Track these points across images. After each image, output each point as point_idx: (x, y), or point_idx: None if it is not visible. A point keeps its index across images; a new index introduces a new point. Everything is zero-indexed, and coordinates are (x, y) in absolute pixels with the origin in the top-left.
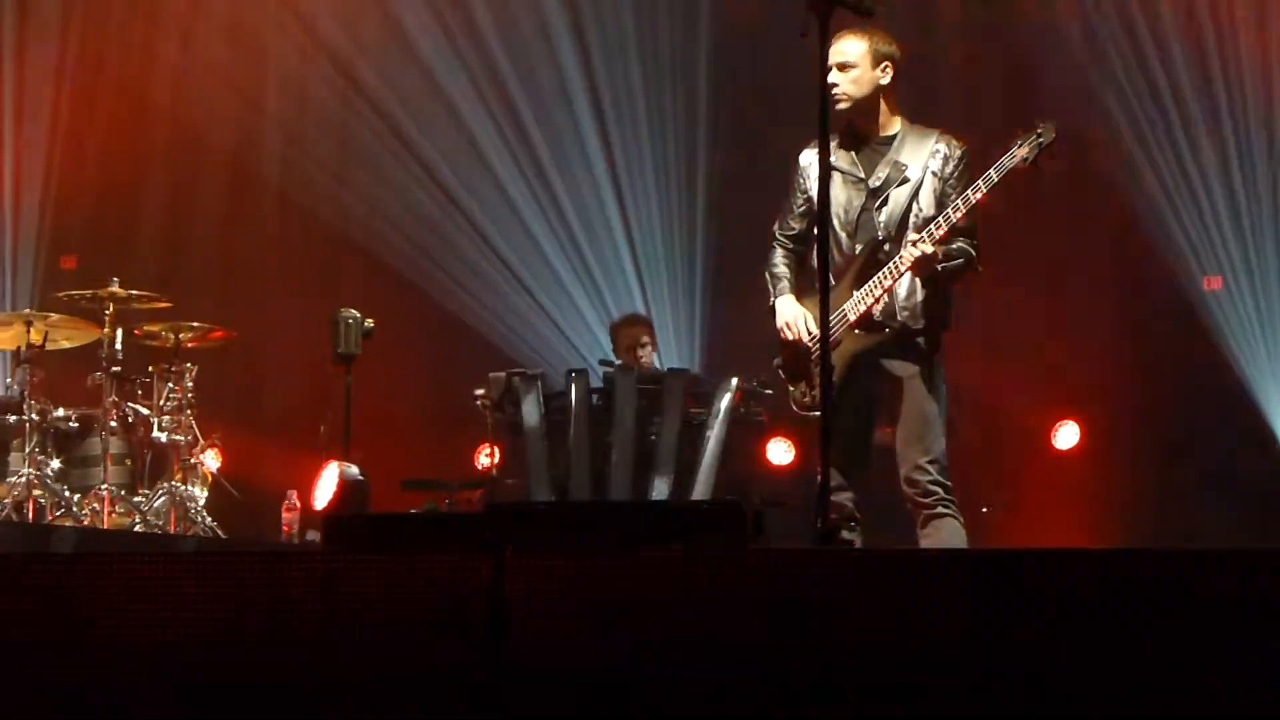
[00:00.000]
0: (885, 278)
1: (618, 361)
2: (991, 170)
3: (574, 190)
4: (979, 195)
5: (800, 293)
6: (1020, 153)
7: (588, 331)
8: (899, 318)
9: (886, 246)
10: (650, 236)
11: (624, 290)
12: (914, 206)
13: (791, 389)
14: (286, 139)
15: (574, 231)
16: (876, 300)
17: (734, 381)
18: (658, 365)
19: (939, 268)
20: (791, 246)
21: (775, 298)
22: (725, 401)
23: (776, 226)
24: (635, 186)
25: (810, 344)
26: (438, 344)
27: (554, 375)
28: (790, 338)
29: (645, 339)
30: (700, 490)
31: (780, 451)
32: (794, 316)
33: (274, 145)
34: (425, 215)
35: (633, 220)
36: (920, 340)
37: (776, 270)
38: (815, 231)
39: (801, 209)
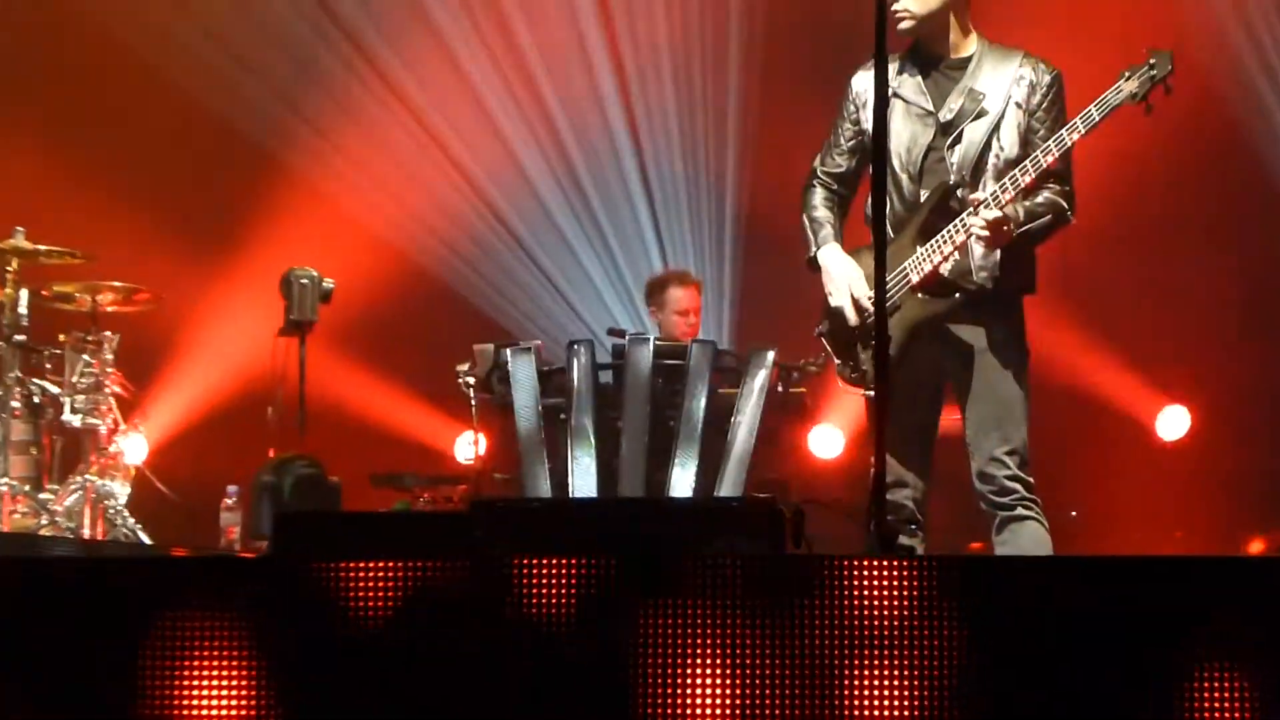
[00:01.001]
0: (956, 232)
1: (631, 331)
2: (1092, 107)
3: (581, 130)
4: (1075, 136)
5: (846, 245)
6: (1128, 88)
7: (594, 297)
8: (975, 278)
9: (959, 193)
10: (671, 184)
11: (639, 248)
12: (993, 145)
13: (839, 363)
14: (232, 56)
15: (580, 179)
16: (945, 258)
17: (770, 355)
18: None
19: (1016, 233)
20: (835, 188)
21: (816, 248)
22: (759, 379)
23: (817, 161)
24: (653, 126)
25: (861, 310)
26: (413, 310)
27: (553, 348)
28: (837, 302)
29: (698, 303)
30: (728, 486)
31: (826, 440)
32: (842, 274)
33: (217, 62)
34: (398, 155)
35: (650, 166)
36: (998, 306)
37: (816, 215)
38: (868, 172)
39: (850, 143)
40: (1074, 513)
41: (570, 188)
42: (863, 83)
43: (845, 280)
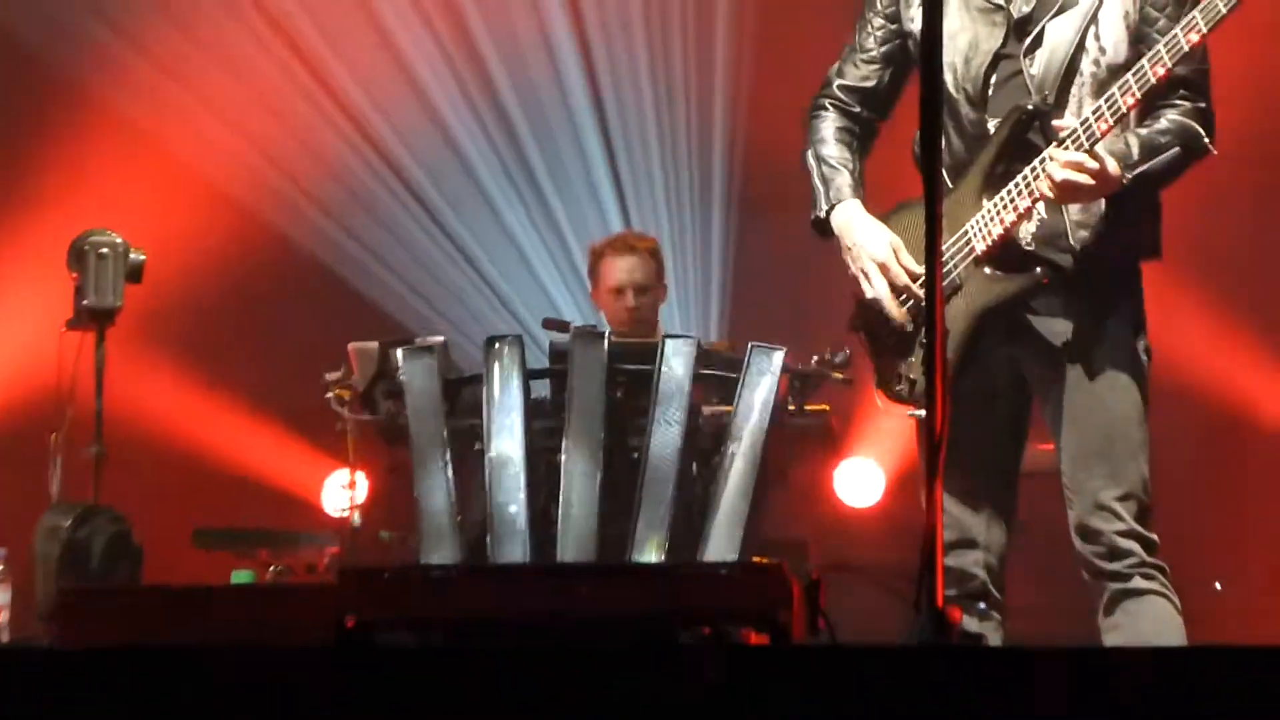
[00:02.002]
0: (1039, 178)
1: (577, 323)
2: None
3: (514, 59)
4: (1194, 36)
5: (881, 205)
6: None
7: (528, 279)
8: (1071, 240)
9: (1043, 121)
10: (638, 129)
11: (594, 211)
12: (1088, 47)
13: (878, 370)
14: None
15: (512, 123)
16: (1024, 214)
17: (777, 357)
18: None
19: (1128, 176)
20: (857, 111)
21: (827, 205)
22: (763, 392)
23: (833, 72)
24: (614, 52)
25: (905, 294)
26: (263, 294)
27: (465, 347)
28: (871, 287)
29: (641, 275)
30: (717, 546)
31: (859, 479)
32: (871, 242)
33: None
34: (250, 79)
35: (610, 104)
36: (1105, 284)
37: (827, 152)
38: (905, 90)
39: (883, 47)
40: (1218, 584)
41: (499, 134)
42: None
43: (877, 250)
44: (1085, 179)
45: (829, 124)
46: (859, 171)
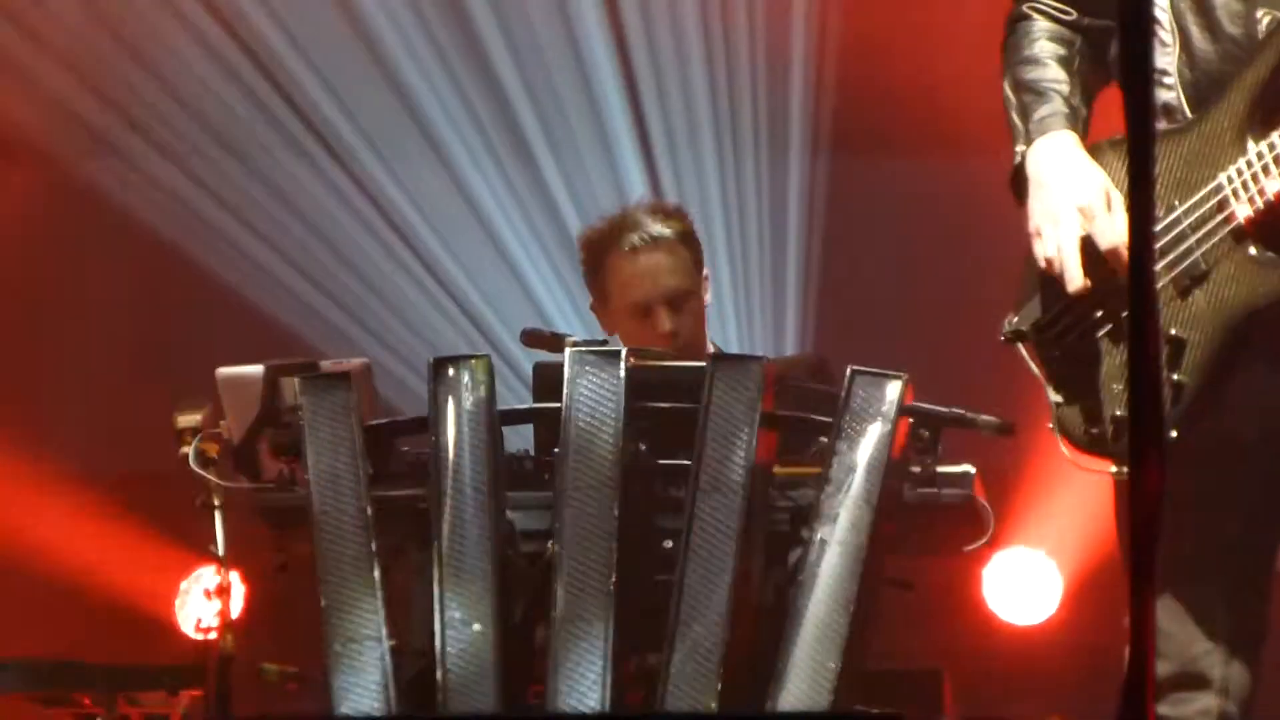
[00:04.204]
0: None
1: (573, 336)
2: None
3: None
4: None
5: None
6: None
7: (501, 271)
8: None
9: None
10: (675, 48)
11: (603, 171)
12: None
13: (1057, 404)
14: None
15: (479, 32)
16: None
17: (893, 390)
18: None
19: None
20: (1073, 18)
21: (1026, 139)
22: (872, 443)
23: None
24: None
25: (1106, 274)
26: (92, 298)
27: (399, 374)
28: (1052, 242)
29: (674, 278)
30: (799, 685)
31: (1022, 580)
32: (1080, 180)
33: None
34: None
35: (635, 42)
36: None
37: (1031, 77)
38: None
39: None
40: None
41: (459, 50)
42: None
43: (1081, 192)
44: None
45: (1035, 37)
46: (1080, 98)
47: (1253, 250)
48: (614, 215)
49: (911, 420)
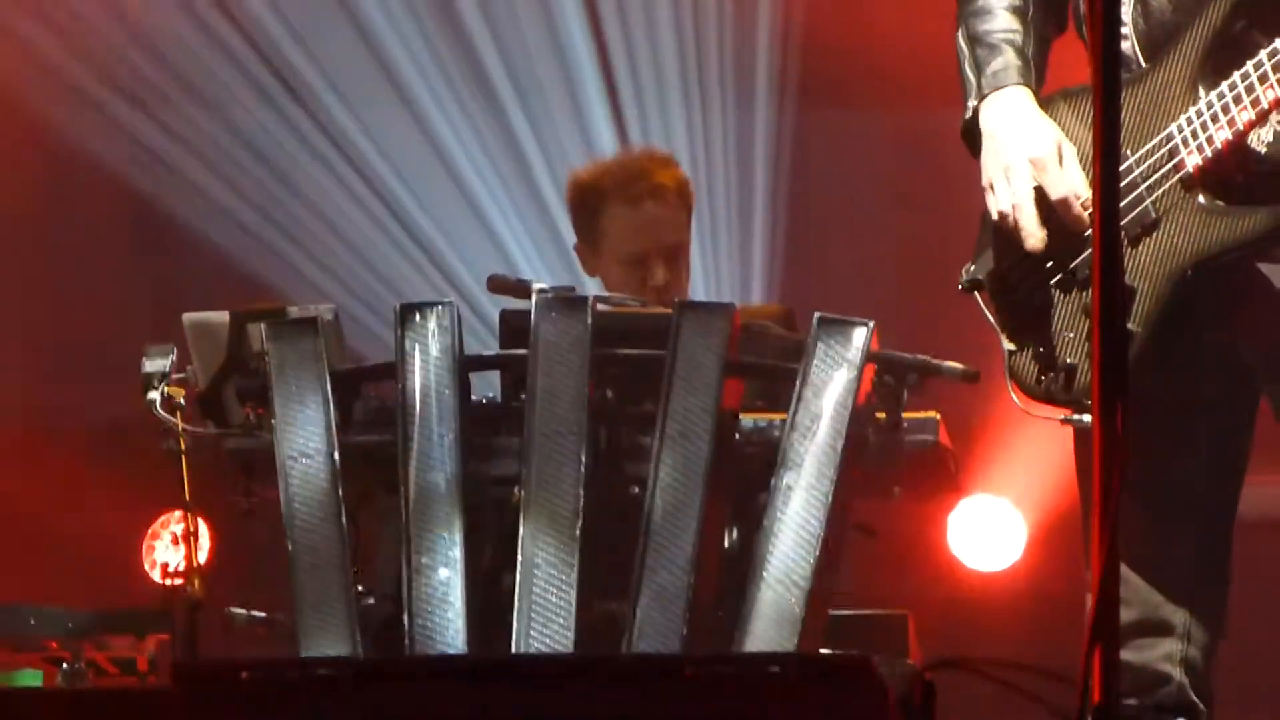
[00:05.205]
0: None
1: (540, 284)
2: None
3: None
4: None
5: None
6: None
7: (466, 216)
8: None
9: None
10: (642, 22)
11: (569, 117)
12: None
13: (1010, 353)
14: None
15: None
16: (1267, 111)
17: (859, 336)
18: None
19: None
20: None
21: (978, 95)
22: (837, 390)
23: None
24: None
25: (1065, 225)
26: (47, 236)
27: (365, 321)
28: (1007, 196)
29: (672, 233)
30: (765, 627)
31: (985, 526)
32: (1025, 143)
33: None
34: None
35: None
36: None
37: (983, 28)
38: None
39: None
40: None
41: (438, 24)
42: None
43: (1034, 145)
44: None
45: None
46: (1033, 51)
47: (1201, 199)
48: (615, 160)
49: (877, 367)
